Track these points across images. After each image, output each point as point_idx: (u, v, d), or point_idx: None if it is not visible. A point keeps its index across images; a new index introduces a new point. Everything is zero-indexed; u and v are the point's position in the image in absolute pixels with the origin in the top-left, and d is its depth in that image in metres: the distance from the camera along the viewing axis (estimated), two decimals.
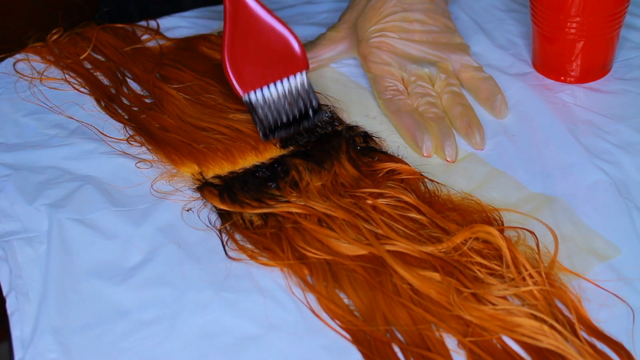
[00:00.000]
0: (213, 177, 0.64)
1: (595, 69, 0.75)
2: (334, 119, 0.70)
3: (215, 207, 0.62)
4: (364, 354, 0.50)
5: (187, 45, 0.83)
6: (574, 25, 0.71)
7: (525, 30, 0.83)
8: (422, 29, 0.75)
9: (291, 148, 0.67)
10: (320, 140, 0.68)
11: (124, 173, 0.66)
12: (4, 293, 0.56)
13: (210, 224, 0.61)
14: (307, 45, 0.79)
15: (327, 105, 0.72)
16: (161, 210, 0.62)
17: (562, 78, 0.75)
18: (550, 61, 0.75)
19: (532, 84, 0.75)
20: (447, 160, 0.66)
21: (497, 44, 0.81)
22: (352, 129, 0.69)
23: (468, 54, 0.75)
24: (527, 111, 0.72)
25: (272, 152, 0.67)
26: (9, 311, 0.55)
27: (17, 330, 0.53)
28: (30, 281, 0.56)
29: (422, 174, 0.64)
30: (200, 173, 0.65)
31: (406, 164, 0.64)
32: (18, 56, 0.81)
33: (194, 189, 0.64)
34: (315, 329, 0.52)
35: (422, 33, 0.75)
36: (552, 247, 0.56)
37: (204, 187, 0.63)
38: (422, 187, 0.63)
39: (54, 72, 0.80)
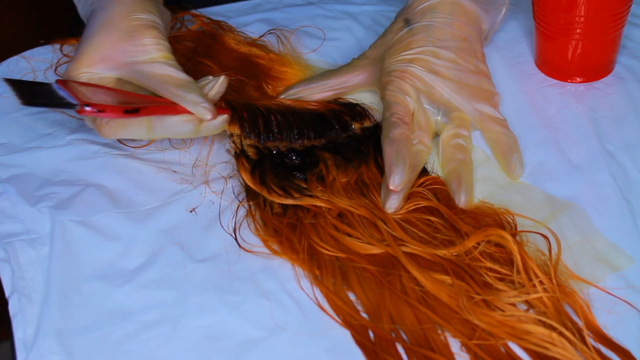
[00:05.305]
0: (249, 145, 0.65)
1: (598, 68, 0.74)
2: (366, 117, 0.70)
3: (243, 180, 0.62)
4: (367, 356, 0.50)
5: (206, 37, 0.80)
6: (577, 24, 0.71)
7: (528, 30, 0.83)
8: (451, 67, 0.69)
9: (323, 140, 0.67)
10: (352, 137, 0.68)
11: (127, 174, 0.66)
12: (7, 295, 0.56)
13: (219, 223, 0.61)
14: (331, 70, 0.74)
15: (359, 104, 0.72)
16: (164, 211, 0.62)
17: (565, 78, 0.75)
18: (553, 61, 0.75)
19: (535, 84, 0.75)
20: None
21: (500, 44, 0.81)
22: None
23: (494, 104, 0.69)
24: (530, 112, 0.71)
25: None
26: (11, 313, 0.55)
27: (20, 332, 0.53)
28: (32, 283, 0.56)
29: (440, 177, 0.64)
30: (239, 136, 0.65)
31: (427, 172, 0.64)
32: (19, 56, 0.81)
33: (229, 150, 0.66)
34: (318, 331, 0.52)
35: (450, 71, 0.69)
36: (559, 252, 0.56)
37: (240, 156, 0.64)
38: (440, 192, 0.62)
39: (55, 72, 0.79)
